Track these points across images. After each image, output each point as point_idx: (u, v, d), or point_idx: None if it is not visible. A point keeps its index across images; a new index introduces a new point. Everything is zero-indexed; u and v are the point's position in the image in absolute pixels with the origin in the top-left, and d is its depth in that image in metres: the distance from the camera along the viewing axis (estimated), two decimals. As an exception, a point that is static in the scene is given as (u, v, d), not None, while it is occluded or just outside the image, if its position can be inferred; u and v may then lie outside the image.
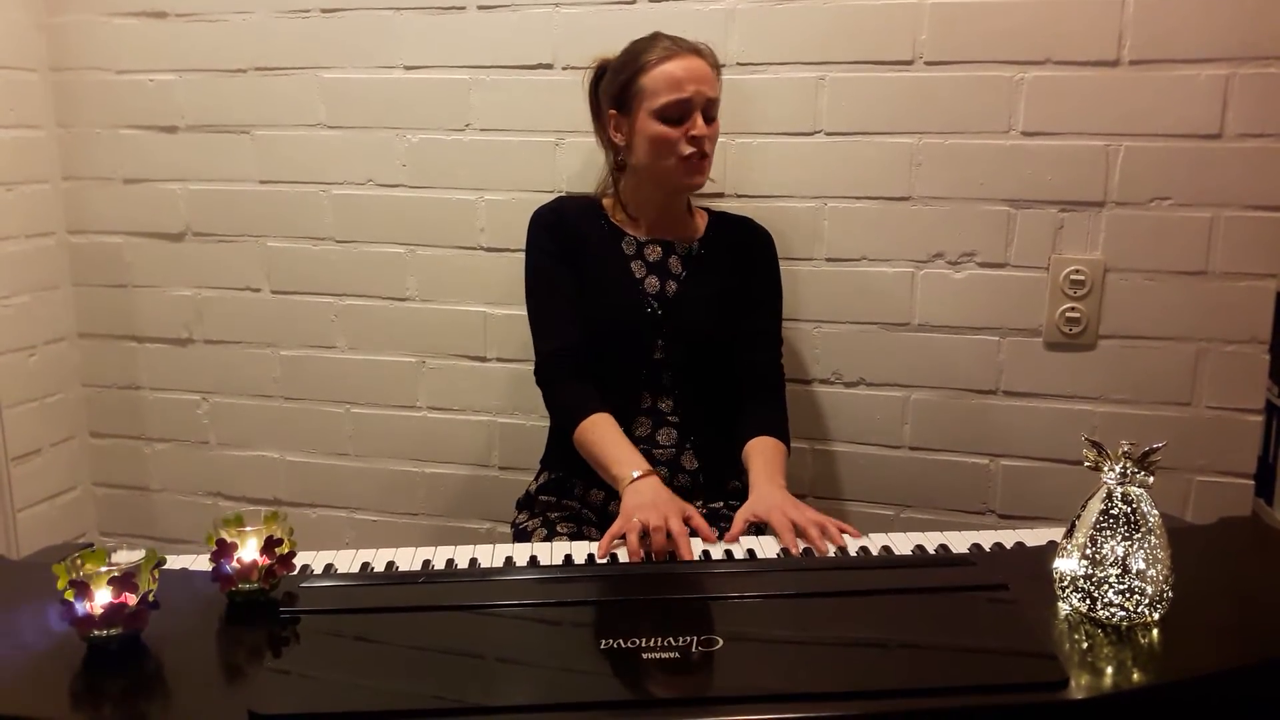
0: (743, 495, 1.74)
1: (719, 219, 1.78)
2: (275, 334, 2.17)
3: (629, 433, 1.66)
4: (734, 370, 1.74)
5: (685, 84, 1.60)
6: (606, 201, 1.76)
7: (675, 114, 1.60)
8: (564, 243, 1.70)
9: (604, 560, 1.35)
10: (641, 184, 1.69)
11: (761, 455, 1.63)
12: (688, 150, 1.60)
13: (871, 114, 1.82)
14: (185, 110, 2.12)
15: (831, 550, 1.36)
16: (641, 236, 1.72)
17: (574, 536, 1.65)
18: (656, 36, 1.65)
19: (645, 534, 1.36)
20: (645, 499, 1.43)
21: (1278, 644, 1.06)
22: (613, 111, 1.67)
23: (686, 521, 1.40)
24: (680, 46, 1.63)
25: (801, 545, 1.38)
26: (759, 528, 1.46)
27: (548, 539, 1.64)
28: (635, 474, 1.50)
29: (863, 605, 1.15)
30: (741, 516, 1.47)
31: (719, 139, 1.70)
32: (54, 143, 2.19)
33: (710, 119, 1.63)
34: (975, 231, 1.82)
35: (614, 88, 1.67)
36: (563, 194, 1.80)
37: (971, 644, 1.06)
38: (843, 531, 1.40)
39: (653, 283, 1.70)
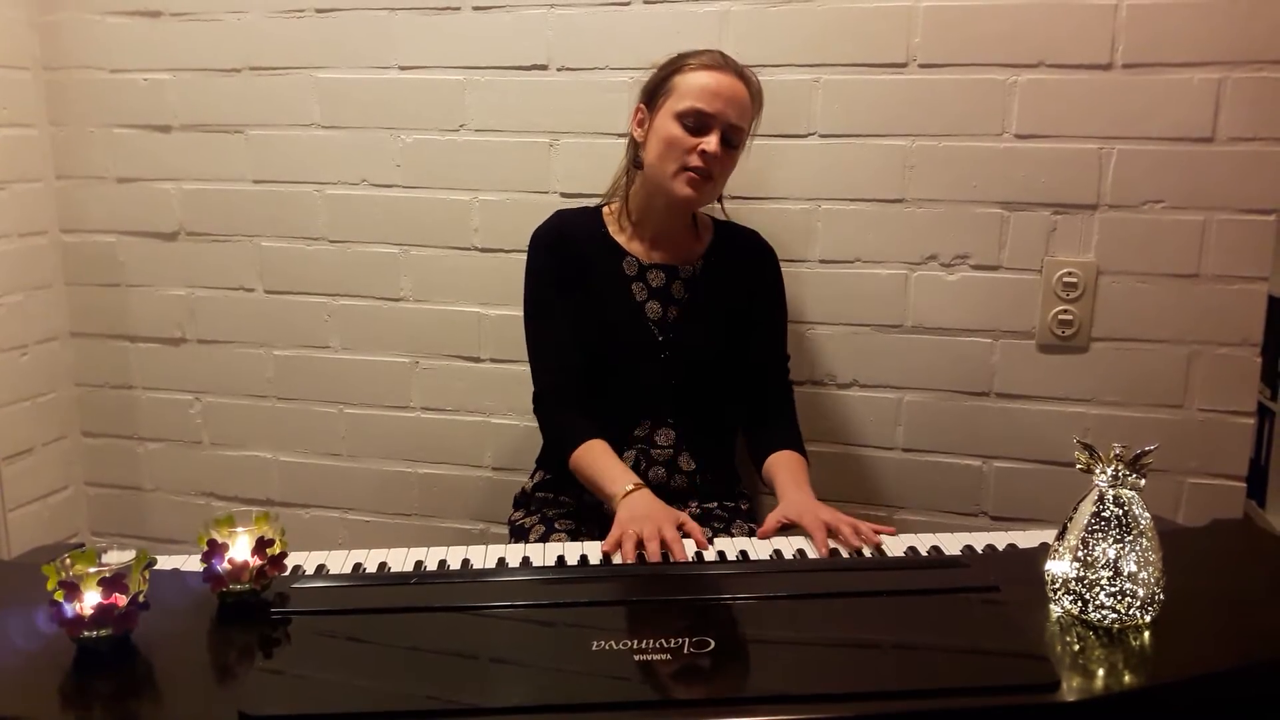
0: (738, 499, 1.75)
1: (723, 232, 1.76)
2: (268, 334, 2.17)
3: (628, 433, 1.66)
4: (737, 384, 1.74)
5: (714, 98, 1.56)
6: (608, 212, 1.73)
7: (694, 123, 1.56)
8: (564, 267, 1.68)
9: (598, 560, 1.35)
10: (646, 186, 1.66)
11: (786, 467, 1.64)
12: (693, 162, 1.56)
13: (865, 116, 1.82)
14: (179, 110, 2.11)
15: (867, 551, 1.36)
16: (644, 258, 1.69)
17: (572, 534, 1.65)
18: (712, 51, 1.62)
19: (640, 547, 1.35)
20: (638, 511, 1.43)
21: (1269, 646, 1.06)
22: (642, 104, 1.65)
23: (680, 528, 1.41)
24: (728, 65, 1.60)
25: (832, 544, 1.38)
26: (790, 529, 1.46)
27: (545, 537, 1.64)
28: (628, 487, 1.50)
29: (855, 607, 1.15)
30: (774, 517, 1.48)
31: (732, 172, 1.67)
32: (47, 141, 2.19)
33: (730, 146, 1.59)
34: (969, 234, 1.82)
35: (651, 82, 1.64)
36: (560, 207, 1.77)
37: (963, 646, 1.06)
38: (878, 531, 1.41)
39: (654, 308, 1.68)
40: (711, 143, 1.56)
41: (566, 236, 1.70)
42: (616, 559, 1.35)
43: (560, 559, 1.35)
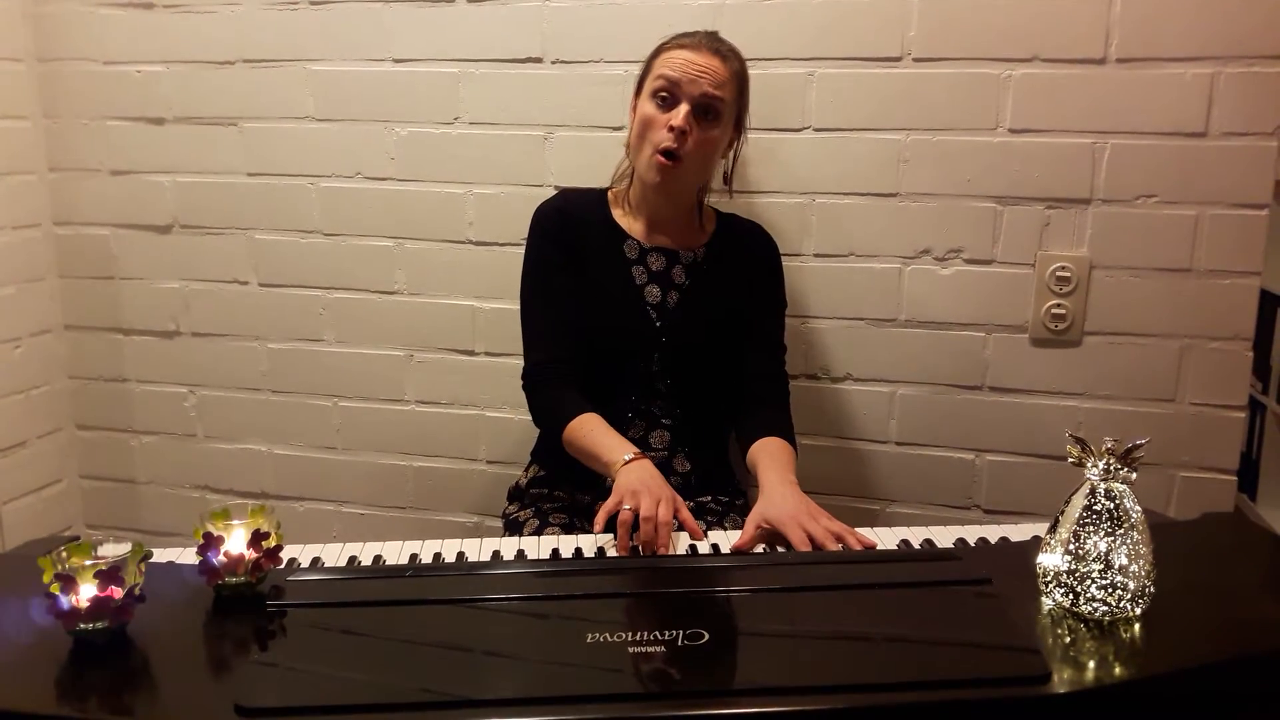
0: (733, 494, 1.75)
1: (727, 224, 1.75)
2: (263, 327, 2.17)
3: (622, 434, 1.65)
4: (733, 377, 1.73)
5: (683, 68, 1.55)
6: (613, 194, 1.73)
7: (666, 96, 1.56)
8: (564, 247, 1.67)
9: (592, 552, 1.35)
10: (635, 174, 1.66)
11: (768, 454, 1.58)
12: (664, 143, 1.55)
13: (860, 110, 1.82)
14: (173, 102, 2.11)
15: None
16: (645, 242, 1.69)
17: (566, 528, 1.64)
18: (695, 32, 1.62)
19: (635, 522, 1.35)
20: (638, 481, 1.41)
21: (1258, 639, 1.07)
22: (635, 93, 1.65)
23: (675, 515, 1.40)
24: (701, 41, 1.59)
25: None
26: (774, 535, 1.40)
27: (539, 530, 1.64)
28: (627, 457, 1.48)
29: (848, 600, 1.15)
30: (754, 520, 1.41)
31: (722, 154, 1.66)
32: (40, 133, 2.18)
33: (708, 119, 1.57)
34: (962, 228, 1.83)
35: (640, 71, 1.65)
36: (565, 187, 1.77)
37: (955, 638, 1.06)
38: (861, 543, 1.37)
39: (653, 292, 1.68)
40: (678, 115, 1.54)
41: (569, 214, 1.69)
42: (610, 549, 1.35)
43: (555, 552, 1.35)
